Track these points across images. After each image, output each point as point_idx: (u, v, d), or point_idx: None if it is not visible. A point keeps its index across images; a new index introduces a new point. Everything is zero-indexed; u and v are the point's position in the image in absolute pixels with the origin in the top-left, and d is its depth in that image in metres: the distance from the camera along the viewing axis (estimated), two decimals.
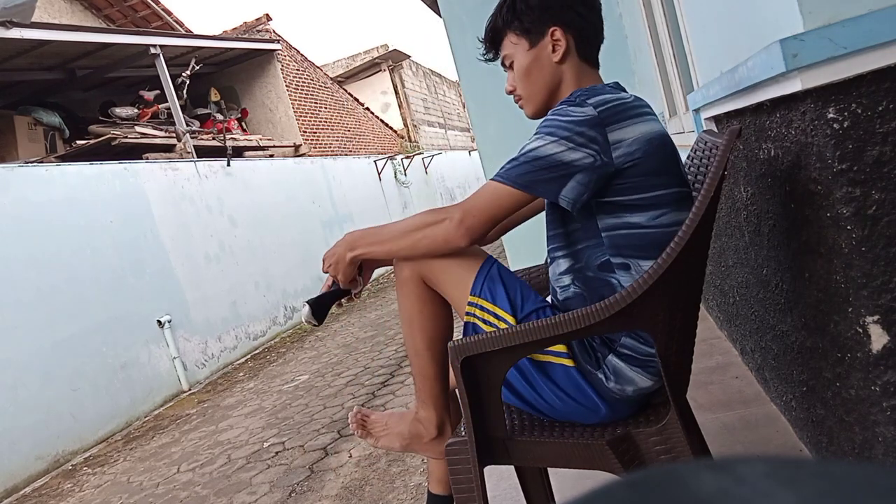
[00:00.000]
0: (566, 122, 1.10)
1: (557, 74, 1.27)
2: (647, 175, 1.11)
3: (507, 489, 1.84)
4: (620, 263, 1.15)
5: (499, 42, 1.32)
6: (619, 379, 1.17)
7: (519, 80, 1.30)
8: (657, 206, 1.13)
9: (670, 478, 0.24)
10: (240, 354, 6.89)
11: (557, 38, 1.24)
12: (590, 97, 1.12)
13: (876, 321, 0.99)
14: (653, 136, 1.13)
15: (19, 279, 4.71)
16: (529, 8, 1.26)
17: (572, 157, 1.08)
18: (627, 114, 1.11)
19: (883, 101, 0.94)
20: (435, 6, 4.78)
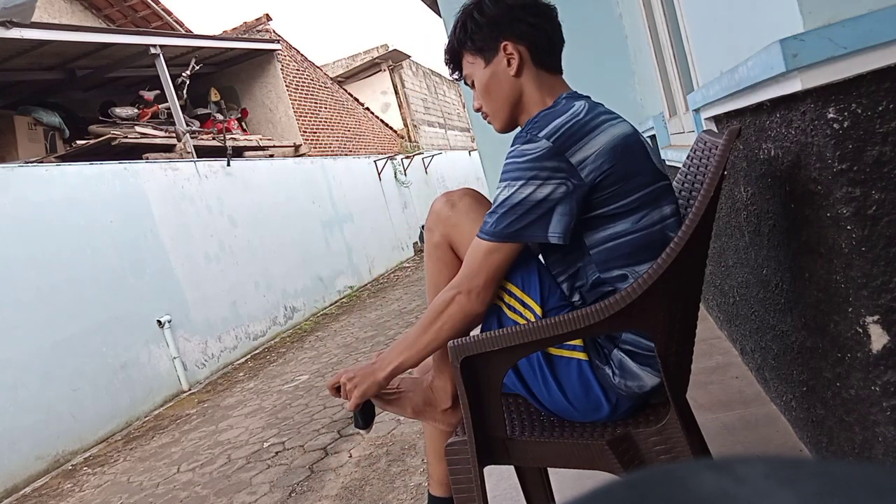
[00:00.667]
0: (526, 162, 1.11)
1: (517, 87, 1.28)
2: (621, 182, 1.12)
3: (507, 489, 1.84)
4: (617, 276, 1.16)
5: (458, 62, 1.34)
6: (625, 374, 1.17)
7: (481, 97, 1.32)
8: (639, 208, 1.14)
9: (670, 478, 0.24)
10: (240, 354, 6.89)
11: (510, 52, 1.25)
12: (541, 129, 1.12)
13: (876, 321, 0.99)
14: (615, 143, 1.12)
15: (19, 279, 4.71)
16: (479, 26, 1.27)
17: (545, 192, 1.09)
18: (582, 132, 1.11)
19: (883, 101, 0.94)
20: (435, 6, 4.78)
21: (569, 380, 1.20)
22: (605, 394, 1.19)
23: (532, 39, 1.26)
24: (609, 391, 1.19)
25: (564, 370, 1.21)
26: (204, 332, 6.46)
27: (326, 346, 6.17)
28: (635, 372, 1.17)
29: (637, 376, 1.17)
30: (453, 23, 1.33)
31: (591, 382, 1.19)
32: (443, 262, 1.33)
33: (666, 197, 1.18)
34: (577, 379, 1.20)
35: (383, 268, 10.89)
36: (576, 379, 1.20)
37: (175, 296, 6.22)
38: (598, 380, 1.19)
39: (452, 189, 1.37)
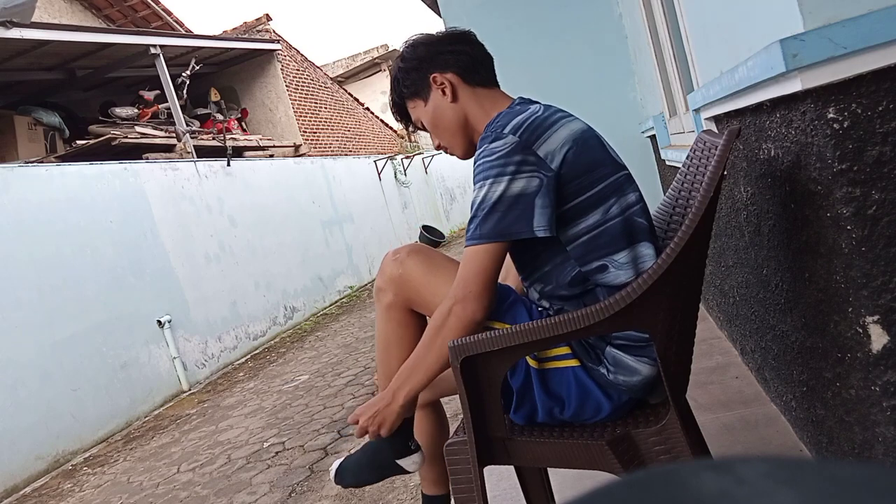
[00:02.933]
0: (496, 160, 1.12)
1: (459, 111, 1.33)
2: (585, 173, 1.15)
3: (507, 489, 1.84)
4: (596, 267, 1.17)
5: (406, 114, 1.41)
6: (621, 369, 1.18)
7: (434, 133, 1.38)
8: (606, 198, 1.16)
9: (670, 478, 0.24)
10: (240, 354, 6.89)
11: (441, 82, 1.32)
12: (504, 126, 1.15)
13: (876, 321, 0.99)
14: (575, 135, 1.17)
15: (19, 279, 4.71)
16: (406, 73, 1.35)
17: (521, 186, 1.11)
18: (544, 126, 1.16)
19: (883, 101, 0.94)
20: (435, 6, 4.78)
21: (567, 390, 1.20)
22: (605, 392, 1.19)
23: (457, 64, 1.32)
24: (608, 389, 1.19)
25: (559, 382, 1.21)
26: (204, 332, 6.46)
27: (326, 346, 6.17)
28: (631, 365, 1.17)
29: (634, 370, 1.17)
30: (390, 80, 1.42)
31: (589, 386, 1.19)
32: (400, 323, 1.35)
33: (628, 185, 1.21)
34: (575, 386, 1.20)
35: None
36: (573, 387, 1.20)
37: (175, 296, 6.22)
38: (595, 381, 1.19)
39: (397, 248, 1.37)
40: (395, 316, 1.34)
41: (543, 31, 4.16)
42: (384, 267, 1.34)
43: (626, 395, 1.20)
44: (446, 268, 1.31)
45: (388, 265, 1.33)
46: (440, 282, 1.28)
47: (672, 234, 1.37)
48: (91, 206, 5.53)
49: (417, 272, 1.31)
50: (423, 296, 1.31)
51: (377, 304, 1.37)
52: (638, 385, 1.19)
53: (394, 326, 1.35)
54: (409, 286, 1.31)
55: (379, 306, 1.36)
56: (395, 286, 1.32)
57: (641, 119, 4.02)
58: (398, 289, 1.32)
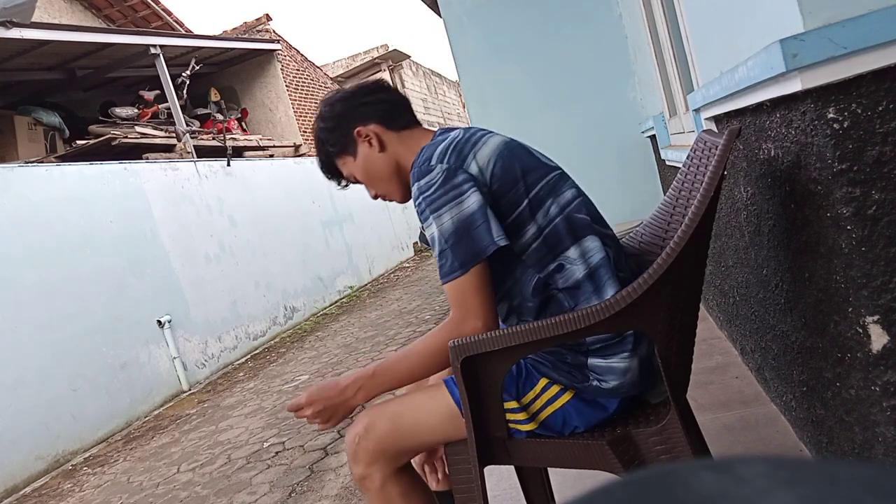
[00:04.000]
0: (436, 191, 1.14)
1: (390, 159, 1.34)
2: (516, 182, 1.18)
3: (507, 489, 1.84)
4: (553, 269, 1.18)
5: (336, 171, 1.42)
6: (607, 374, 1.18)
7: (371, 185, 1.39)
8: (541, 201, 1.19)
9: (670, 478, 0.24)
10: (240, 354, 6.88)
11: (365, 135, 1.32)
12: (430, 159, 1.18)
13: (876, 321, 0.99)
14: (499, 148, 1.20)
15: (19, 279, 4.71)
16: (329, 132, 1.35)
17: (468, 205, 1.13)
18: (466, 148, 1.19)
19: (883, 101, 0.94)
20: (435, 6, 4.78)
21: (573, 418, 1.20)
22: (604, 400, 1.20)
23: (376, 114, 1.33)
24: (605, 396, 1.19)
25: (564, 418, 1.20)
26: (204, 332, 6.46)
27: (326, 346, 6.17)
28: (615, 366, 1.17)
29: (620, 370, 1.17)
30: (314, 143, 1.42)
31: (589, 406, 1.20)
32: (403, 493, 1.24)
33: (563, 184, 1.23)
34: (577, 413, 1.20)
35: (383, 268, 10.89)
36: (576, 414, 1.20)
37: (175, 296, 6.22)
38: (592, 396, 1.20)
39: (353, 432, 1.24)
40: (392, 491, 1.23)
41: (543, 31, 4.16)
42: (353, 453, 1.23)
43: (624, 392, 1.20)
44: (405, 400, 1.27)
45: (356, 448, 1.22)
46: (411, 411, 1.24)
47: (672, 234, 1.37)
48: (91, 206, 5.53)
49: (385, 432, 1.22)
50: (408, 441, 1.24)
51: (368, 494, 1.25)
52: (629, 381, 1.18)
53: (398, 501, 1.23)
54: (388, 450, 1.22)
55: (370, 494, 1.24)
56: (375, 462, 1.22)
57: (641, 119, 4.02)
58: (380, 462, 1.22)
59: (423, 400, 1.25)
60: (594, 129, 4.16)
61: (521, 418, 1.20)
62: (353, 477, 1.27)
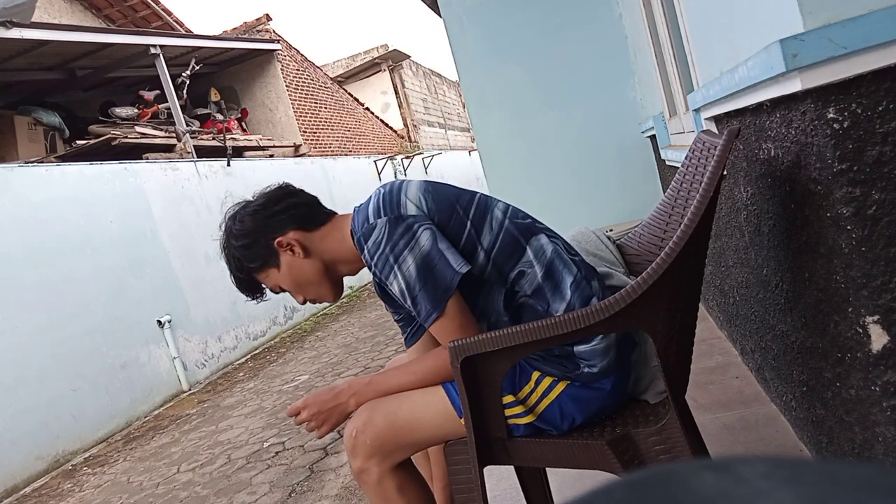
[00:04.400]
0: (386, 245, 1.16)
1: (317, 263, 1.31)
2: (451, 209, 1.21)
3: (507, 489, 1.84)
4: (515, 276, 1.21)
5: (257, 286, 1.36)
6: (593, 357, 1.19)
7: (300, 291, 1.34)
8: (482, 220, 1.22)
9: (670, 478, 0.24)
10: (240, 354, 6.88)
11: (287, 244, 1.29)
12: (367, 219, 1.19)
13: (876, 321, 0.99)
14: (423, 186, 1.24)
15: (19, 279, 4.71)
16: (246, 248, 1.30)
17: (422, 244, 1.15)
18: (394, 196, 1.21)
19: (883, 101, 0.94)
20: (435, 6, 4.78)
21: (570, 408, 1.21)
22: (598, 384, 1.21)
23: (292, 222, 1.30)
24: (598, 380, 1.20)
25: (561, 409, 1.21)
26: (204, 332, 6.46)
27: (326, 346, 6.17)
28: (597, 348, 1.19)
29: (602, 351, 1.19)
30: (225, 262, 1.35)
31: (584, 393, 1.21)
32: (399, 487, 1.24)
33: (490, 201, 1.27)
34: (573, 402, 1.21)
35: None
36: (572, 403, 1.21)
37: (175, 296, 6.22)
38: (585, 383, 1.21)
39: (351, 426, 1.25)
40: (389, 485, 1.23)
41: (543, 31, 4.16)
42: (351, 447, 1.24)
43: (615, 374, 1.22)
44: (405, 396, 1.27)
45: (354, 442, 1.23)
46: (408, 408, 1.24)
47: (671, 234, 1.37)
48: (91, 205, 5.53)
49: (382, 427, 1.22)
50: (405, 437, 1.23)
51: (365, 487, 1.25)
52: (613, 359, 1.20)
53: (395, 496, 1.24)
54: (385, 445, 1.22)
55: (368, 488, 1.24)
56: (373, 457, 1.22)
57: (641, 119, 4.02)
58: (377, 457, 1.22)
59: (421, 397, 1.26)
60: (594, 129, 4.16)
61: (519, 411, 1.21)
62: (352, 470, 1.27)
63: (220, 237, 1.35)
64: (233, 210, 1.35)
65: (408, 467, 1.29)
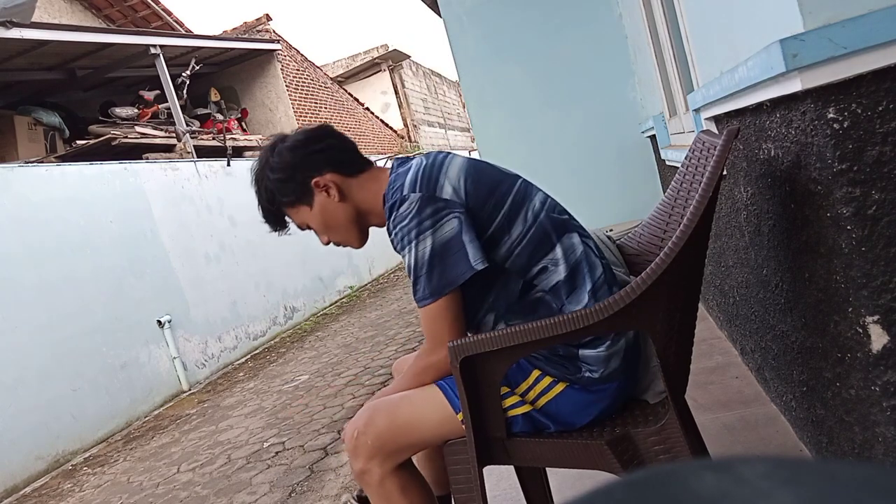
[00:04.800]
0: (410, 221, 1.15)
1: (349, 207, 1.31)
2: (489, 195, 1.19)
3: (507, 489, 1.84)
4: (538, 271, 1.20)
5: (283, 220, 1.36)
6: (596, 363, 1.19)
7: (326, 234, 1.35)
8: (518, 209, 1.20)
9: (670, 478, 0.24)
10: (240, 354, 6.88)
11: (324, 185, 1.29)
12: (401, 189, 1.18)
13: (876, 321, 0.99)
14: (465, 167, 1.22)
15: (19, 279, 4.71)
16: (281, 182, 1.29)
17: (445, 232, 1.14)
18: (434, 171, 1.20)
19: (883, 101, 0.94)
20: (435, 6, 4.78)
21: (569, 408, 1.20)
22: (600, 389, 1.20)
23: (331, 163, 1.30)
24: (600, 385, 1.20)
25: (559, 407, 1.21)
26: (204, 332, 6.46)
27: (326, 346, 6.17)
28: (603, 354, 1.19)
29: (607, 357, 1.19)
30: (256, 191, 1.34)
31: (584, 396, 1.20)
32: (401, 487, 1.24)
33: (531, 190, 1.25)
34: (572, 404, 1.20)
35: (383, 268, 10.89)
36: (571, 405, 1.20)
37: (175, 296, 6.22)
38: (586, 388, 1.20)
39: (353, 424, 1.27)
40: (391, 486, 1.23)
41: (543, 31, 4.16)
42: (353, 448, 1.24)
43: (618, 380, 1.21)
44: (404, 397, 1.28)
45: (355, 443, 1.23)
46: (409, 408, 1.25)
47: (671, 233, 1.37)
48: (91, 205, 5.53)
49: (383, 427, 1.22)
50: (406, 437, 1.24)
51: (367, 489, 1.25)
52: (616, 367, 1.20)
53: (397, 496, 1.24)
54: (387, 446, 1.22)
55: (370, 489, 1.24)
56: (374, 458, 1.22)
57: (641, 119, 4.02)
58: (379, 458, 1.22)
59: (422, 397, 1.26)
60: (594, 129, 4.15)
61: (515, 401, 1.21)
62: (353, 472, 1.27)
63: (255, 167, 1.34)
64: (272, 141, 1.34)
65: (409, 468, 1.29)
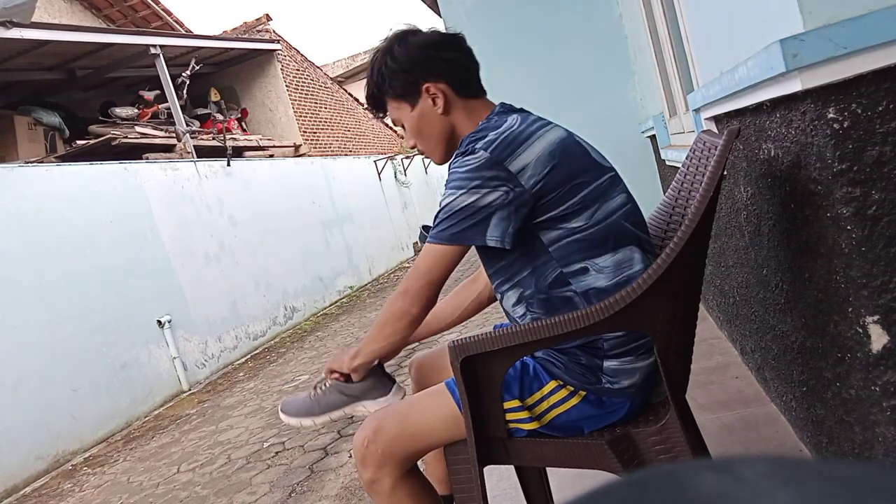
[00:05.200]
0: (466, 172, 1.14)
1: (447, 123, 1.29)
2: (565, 183, 1.14)
3: (507, 489, 1.84)
4: (577, 269, 1.16)
5: (383, 107, 1.34)
6: (618, 375, 1.17)
7: (417, 138, 1.33)
8: (589, 204, 1.16)
9: (670, 478, 0.24)
10: (240, 354, 6.88)
11: (433, 93, 1.26)
12: (478, 141, 1.16)
13: (876, 321, 0.99)
14: (552, 148, 1.15)
15: (20, 279, 4.71)
16: (395, 73, 1.27)
17: (487, 200, 1.12)
18: (518, 140, 1.15)
19: (883, 101, 0.94)
20: (435, 6, 4.78)
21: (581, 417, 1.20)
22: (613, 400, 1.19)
23: (450, 75, 1.28)
24: (614, 396, 1.19)
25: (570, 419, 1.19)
26: (204, 332, 6.46)
27: (326, 346, 6.17)
28: (628, 368, 1.17)
29: (633, 370, 1.17)
30: (369, 71, 1.32)
31: (596, 409, 1.19)
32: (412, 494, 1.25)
33: (615, 188, 1.20)
34: (584, 417, 1.19)
35: (383, 268, 10.89)
36: (583, 419, 1.19)
37: (175, 296, 6.22)
38: (601, 396, 1.19)
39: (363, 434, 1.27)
40: (401, 494, 1.23)
41: (543, 31, 4.16)
42: (362, 457, 1.23)
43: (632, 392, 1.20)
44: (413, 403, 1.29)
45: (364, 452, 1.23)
46: (417, 413, 1.25)
47: (671, 234, 1.37)
48: (91, 205, 5.53)
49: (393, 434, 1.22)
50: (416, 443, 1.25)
51: (377, 498, 1.25)
52: (638, 382, 1.18)
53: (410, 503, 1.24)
54: (397, 453, 1.22)
55: (380, 498, 1.24)
56: (384, 466, 1.22)
57: (641, 119, 4.02)
58: (389, 466, 1.22)
59: (429, 401, 1.26)
60: (594, 129, 4.12)
61: (522, 417, 1.20)
62: (362, 481, 1.26)
63: (377, 49, 1.31)
64: (403, 29, 1.30)
65: (417, 474, 1.29)
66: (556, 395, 1.19)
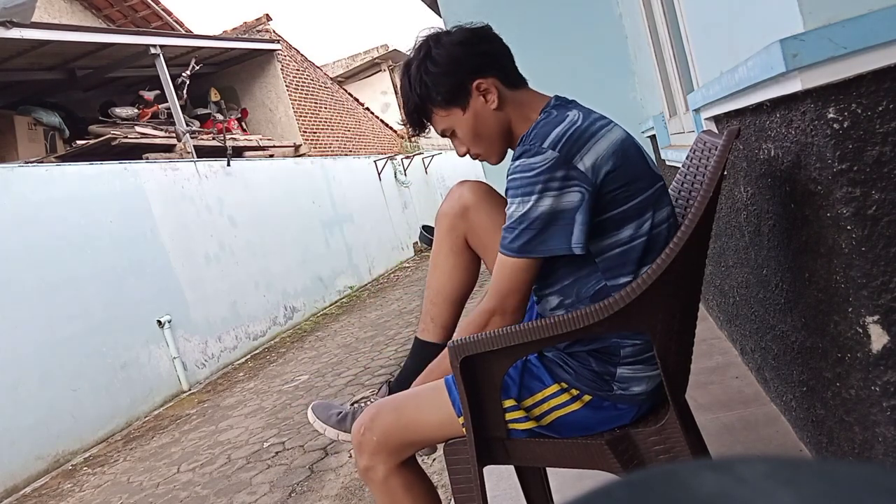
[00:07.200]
0: (536, 175, 1.07)
1: (504, 119, 1.22)
2: (624, 186, 1.10)
3: (507, 489, 1.84)
4: (623, 283, 1.12)
5: (429, 119, 1.26)
6: (629, 382, 1.17)
7: (471, 143, 1.25)
8: (642, 212, 1.12)
9: (670, 478, 0.24)
10: (240, 354, 6.88)
11: (485, 88, 1.19)
12: (543, 140, 1.09)
13: (876, 321, 0.99)
14: (615, 147, 1.11)
15: (19, 279, 4.71)
16: (439, 78, 1.19)
17: (563, 203, 1.07)
18: (584, 138, 1.09)
19: (883, 101, 0.94)
20: (435, 6, 4.78)
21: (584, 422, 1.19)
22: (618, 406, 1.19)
23: (495, 67, 1.22)
24: (620, 403, 1.18)
25: (573, 422, 1.19)
26: (204, 332, 6.46)
27: (326, 346, 6.17)
28: (640, 376, 1.17)
29: (643, 378, 1.17)
30: (406, 83, 1.24)
31: (603, 410, 1.19)
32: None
33: (663, 199, 1.17)
34: (585, 420, 1.19)
35: (383, 268, 10.89)
36: (591, 415, 1.19)
37: (175, 296, 6.22)
38: (607, 401, 1.18)
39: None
40: (395, 483, 1.26)
41: (543, 31, 4.16)
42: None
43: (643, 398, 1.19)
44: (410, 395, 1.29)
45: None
46: (414, 405, 1.26)
47: None
48: (91, 206, 5.53)
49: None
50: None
51: (371, 485, 1.29)
52: (650, 390, 1.18)
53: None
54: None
55: (374, 485, 1.28)
56: (378, 454, 1.24)
57: (641, 119, 4.02)
58: (383, 454, 1.24)
59: (427, 395, 1.25)
60: None
61: (518, 416, 1.19)
62: (357, 468, 1.28)
63: (408, 61, 1.24)
64: (432, 33, 1.24)
65: (413, 465, 1.29)
66: (558, 398, 1.18)
